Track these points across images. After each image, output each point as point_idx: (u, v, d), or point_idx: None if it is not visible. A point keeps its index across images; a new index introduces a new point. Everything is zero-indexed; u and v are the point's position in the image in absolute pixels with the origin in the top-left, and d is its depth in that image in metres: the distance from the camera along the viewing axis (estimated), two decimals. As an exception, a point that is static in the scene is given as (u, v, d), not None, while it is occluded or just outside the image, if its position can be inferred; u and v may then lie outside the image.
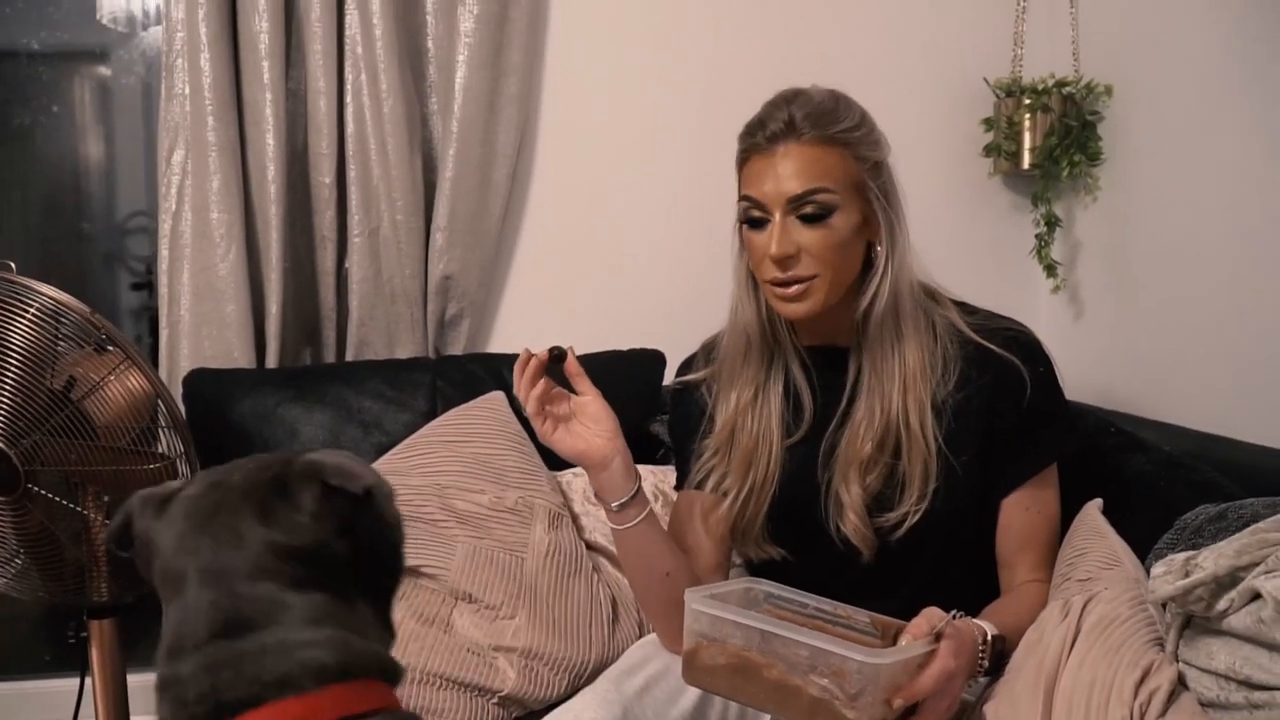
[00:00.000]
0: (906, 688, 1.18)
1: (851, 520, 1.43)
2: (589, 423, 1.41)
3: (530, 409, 1.39)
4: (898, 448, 1.43)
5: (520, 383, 1.39)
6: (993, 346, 1.43)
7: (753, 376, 1.51)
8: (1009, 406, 1.43)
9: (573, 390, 1.43)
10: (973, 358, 1.44)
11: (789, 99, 1.41)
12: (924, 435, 1.42)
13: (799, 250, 1.38)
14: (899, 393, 1.42)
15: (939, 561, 1.48)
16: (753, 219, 1.41)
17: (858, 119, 1.42)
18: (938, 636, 1.22)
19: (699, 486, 1.54)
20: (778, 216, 1.38)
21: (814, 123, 1.38)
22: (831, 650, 1.16)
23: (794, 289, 1.39)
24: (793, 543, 1.52)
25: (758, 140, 1.41)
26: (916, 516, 1.41)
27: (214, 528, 0.85)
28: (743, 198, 1.43)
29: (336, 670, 0.82)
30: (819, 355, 1.51)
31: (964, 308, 1.51)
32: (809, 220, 1.37)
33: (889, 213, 1.43)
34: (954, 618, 1.27)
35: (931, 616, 1.24)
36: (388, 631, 0.94)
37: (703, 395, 1.57)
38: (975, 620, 1.33)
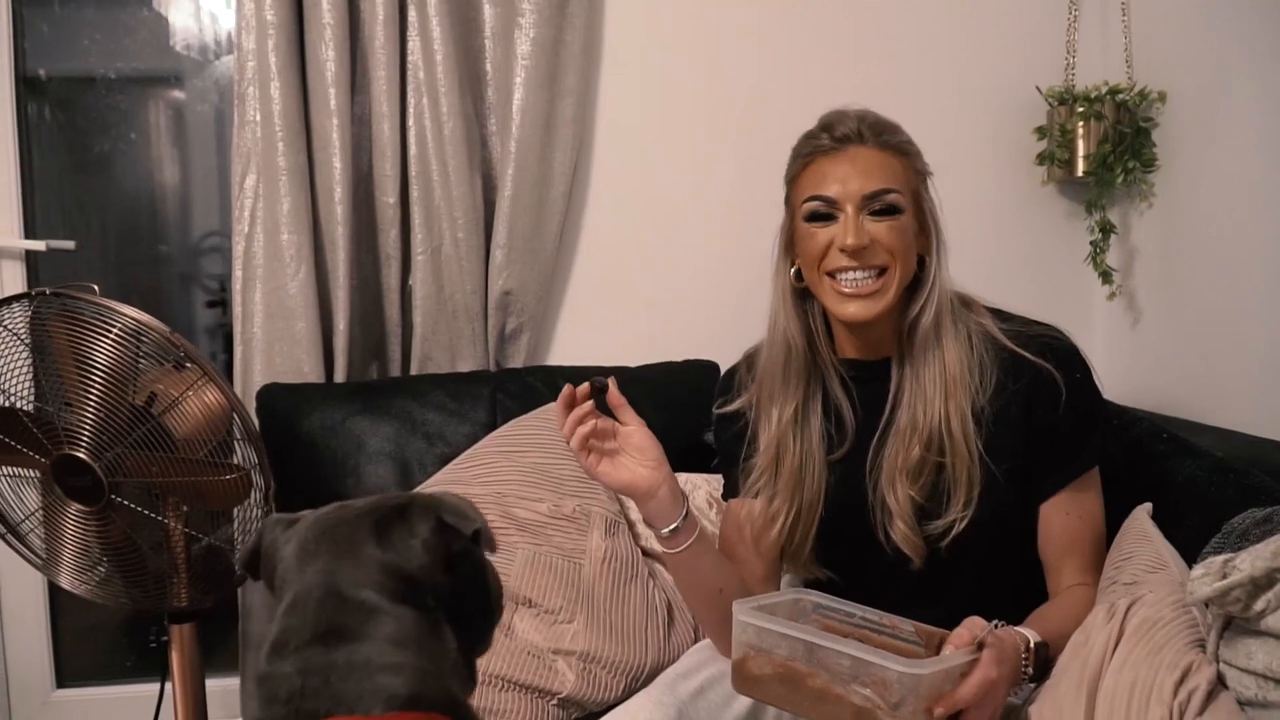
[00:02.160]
0: (947, 697, 1.19)
1: (900, 528, 1.45)
2: (634, 453, 1.41)
3: (574, 445, 1.38)
4: (942, 453, 1.44)
5: (564, 418, 1.39)
6: (1027, 354, 1.45)
7: (793, 394, 1.52)
8: (1045, 413, 1.45)
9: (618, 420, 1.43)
10: (1008, 365, 1.46)
11: (848, 112, 1.46)
12: (966, 442, 1.43)
13: (872, 241, 1.41)
14: (940, 399, 1.44)
15: (985, 568, 1.49)
16: (819, 214, 1.43)
17: (910, 137, 1.48)
18: (980, 646, 1.23)
19: (754, 497, 1.56)
20: (850, 210, 1.41)
21: (877, 131, 1.44)
22: (872, 660, 1.18)
23: (867, 284, 1.42)
24: (841, 560, 1.54)
25: (823, 143, 1.44)
26: (963, 524, 1.43)
27: (334, 539, 0.93)
28: (810, 198, 1.44)
29: (406, 699, 0.87)
30: (859, 369, 1.53)
31: (999, 315, 1.52)
32: (880, 214, 1.41)
33: (937, 225, 1.48)
34: (995, 627, 1.28)
35: (974, 626, 1.26)
36: (470, 676, 0.99)
37: (745, 417, 1.59)
38: (1018, 628, 1.33)
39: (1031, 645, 1.31)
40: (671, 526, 1.43)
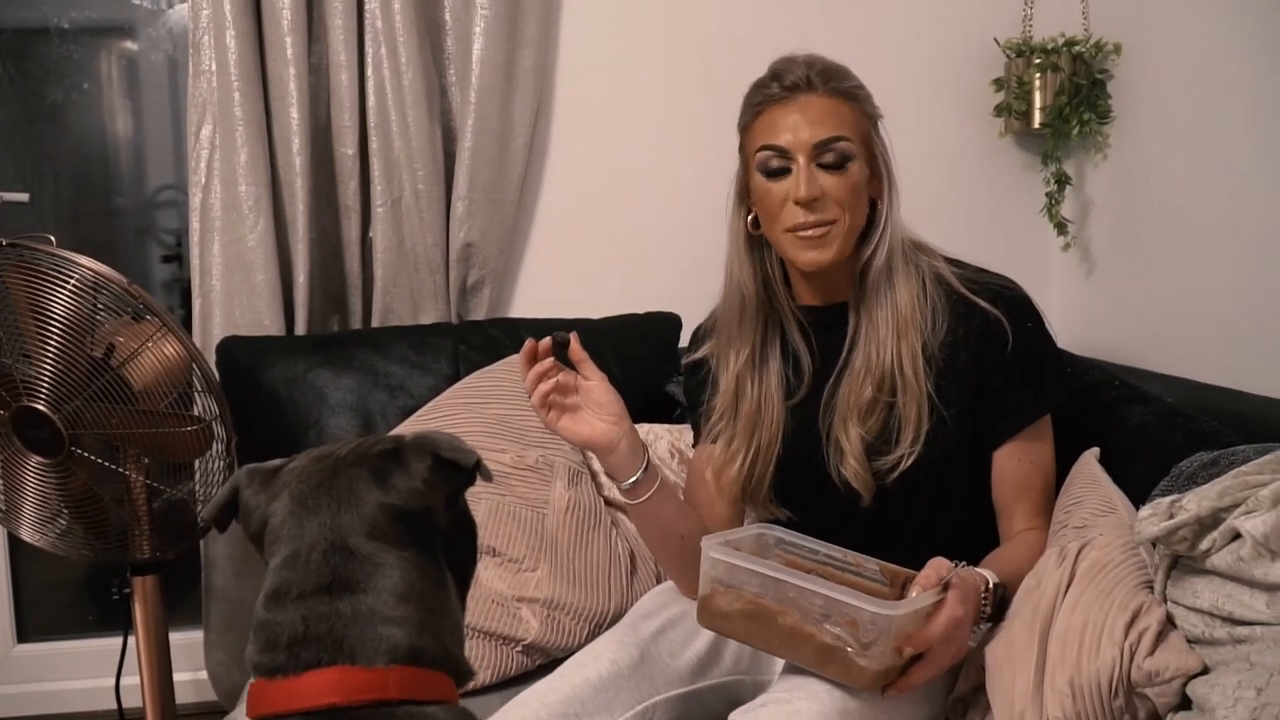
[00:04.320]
0: (916, 636, 1.22)
1: (851, 464, 1.47)
2: (594, 407, 1.42)
3: (535, 401, 1.40)
4: (893, 392, 1.47)
5: (527, 372, 1.39)
6: (979, 300, 1.47)
7: (748, 338, 1.55)
8: (993, 359, 1.47)
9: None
10: (960, 310, 1.48)
11: (798, 59, 1.47)
12: (916, 380, 1.46)
13: (823, 194, 1.42)
14: (892, 338, 1.46)
15: (935, 508, 1.52)
16: (773, 169, 1.44)
17: (859, 81, 1.49)
18: (945, 586, 1.25)
19: (713, 442, 1.58)
20: (802, 161, 1.42)
21: (827, 77, 1.44)
22: (846, 600, 1.20)
23: (819, 231, 1.43)
24: (798, 499, 1.57)
25: (773, 91, 1.45)
26: (911, 460, 1.45)
27: (333, 490, 0.92)
28: (762, 148, 1.45)
29: (408, 653, 0.87)
30: (816, 315, 1.55)
31: (954, 263, 1.54)
32: (830, 167, 1.42)
33: (889, 170, 1.49)
34: (958, 567, 1.31)
35: (939, 567, 1.28)
36: (460, 626, 0.98)
37: (708, 364, 1.62)
38: (977, 569, 1.37)
39: (990, 585, 1.35)
40: (632, 479, 1.44)
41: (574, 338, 1.41)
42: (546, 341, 1.39)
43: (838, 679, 1.24)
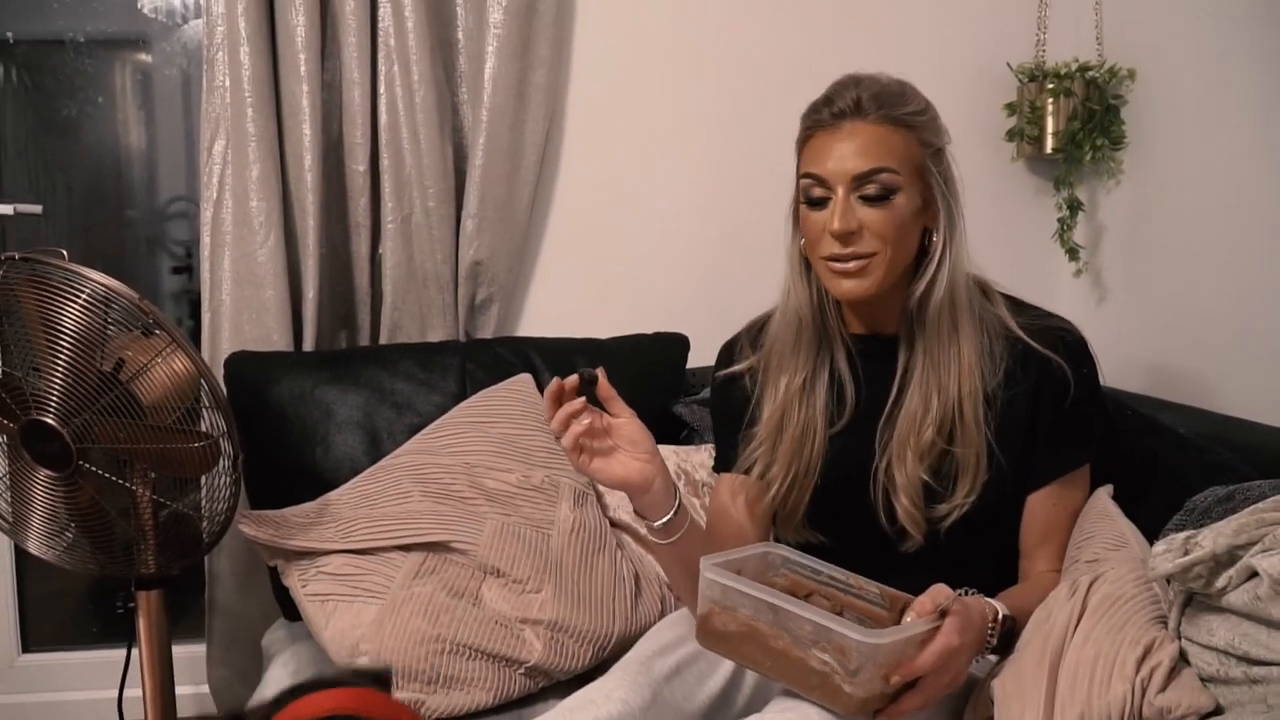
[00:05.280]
0: (905, 665, 1.20)
1: (903, 503, 1.45)
2: (627, 446, 1.36)
3: (566, 444, 1.32)
4: (952, 438, 1.45)
5: (553, 415, 1.32)
6: (1039, 347, 1.45)
7: (803, 364, 1.52)
8: (1052, 405, 1.45)
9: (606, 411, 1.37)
10: (1020, 357, 1.45)
11: (856, 80, 1.42)
12: (977, 428, 1.43)
13: (860, 227, 1.38)
14: (955, 384, 1.44)
15: (975, 552, 1.50)
16: (814, 198, 1.42)
17: (923, 105, 1.44)
18: (942, 614, 1.23)
19: (746, 472, 1.56)
20: (840, 193, 1.38)
21: (880, 103, 1.39)
22: (833, 628, 1.19)
23: (853, 264, 1.40)
24: (833, 528, 1.55)
25: (822, 117, 1.41)
26: (965, 510, 1.44)
27: None
28: (804, 175, 1.43)
29: None
30: (866, 344, 1.53)
31: (1013, 304, 1.51)
32: (871, 200, 1.38)
33: (948, 200, 1.44)
34: (964, 594, 1.29)
35: (937, 595, 1.26)
36: None
37: (747, 384, 1.58)
38: (988, 599, 1.35)
39: (999, 616, 1.33)
40: (665, 519, 1.39)
41: (601, 374, 1.35)
42: (573, 379, 1.33)
43: (826, 704, 1.23)
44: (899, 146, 1.39)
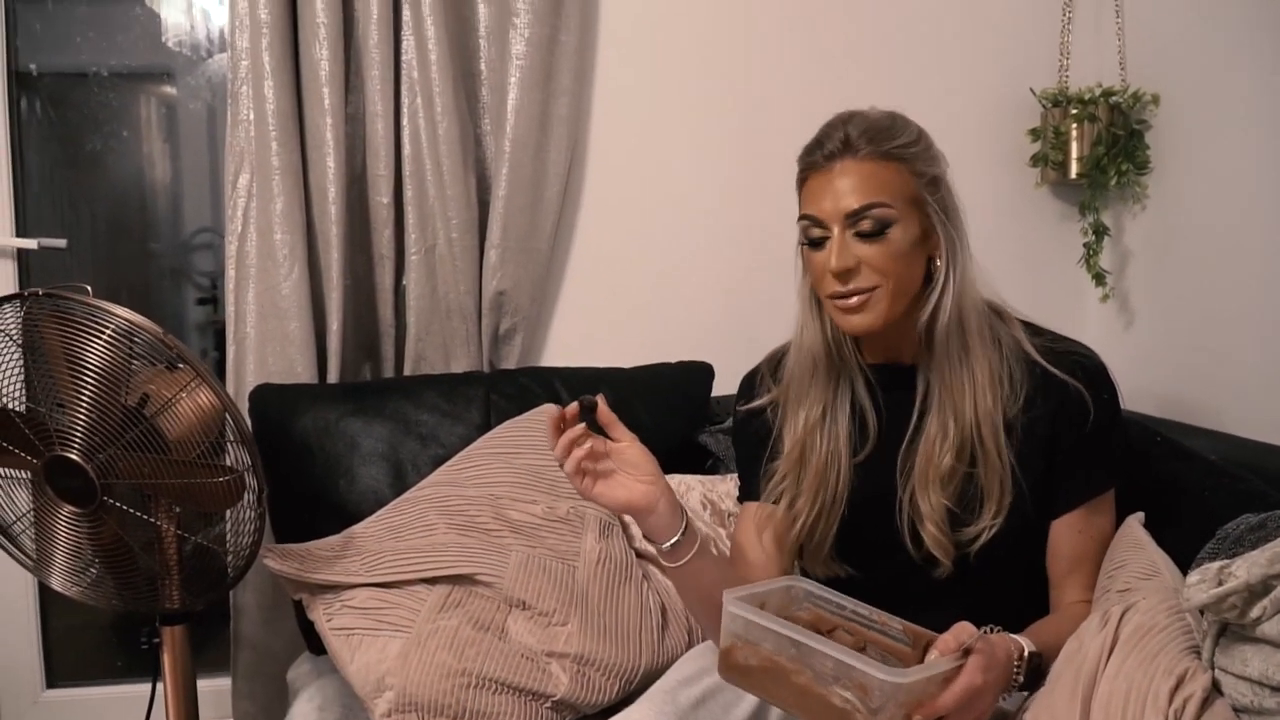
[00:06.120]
0: (928, 704, 1.19)
1: (930, 530, 1.45)
2: (629, 469, 1.39)
3: (568, 469, 1.36)
4: (973, 460, 1.44)
5: (556, 442, 1.36)
6: (1058, 372, 1.44)
7: (820, 396, 1.52)
8: (1072, 431, 1.44)
9: (608, 437, 1.39)
10: (1038, 381, 1.45)
11: (845, 119, 1.43)
12: (998, 451, 1.43)
13: (858, 263, 1.39)
14: (970, 407, 1.43)
15: (1004, 579, 1.49)
16: (813, 239, 1.42)
17: (914, 135, 1.43)
18: (966, 652, 1.22)
19: (774, 503, 1.55)
20: (836, 232, 1.39)
21: (869, 139, 1.39)
22: (855, 665, 1.17)
23: (855, 300, 1.40)
24: (860, 559, 1.54)
25: (815, 159, 1.42)
26: (993, 532, 1.43)
27: None
28: (802, 217, 1.44)
29: None
30: (884, 374, 1.53)
31: (1030, 328, 1.51)
32: (866, 236, 1.39)
33: (948, 227, 1.44)
34: (988, 632, 1.28)
35: (960, 633, 1.24)
36: None
37: (769, 416, 1.59)
38: (1014, 636, 1.33)
39: (1025, 654, 1.31)
40: (672, 541, 1.40)
41: (601, 400, 1.38)
42: (573, 407, 1.36)
43: None
44: (891, 180, 1.39)
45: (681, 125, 2.43)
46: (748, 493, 1.63)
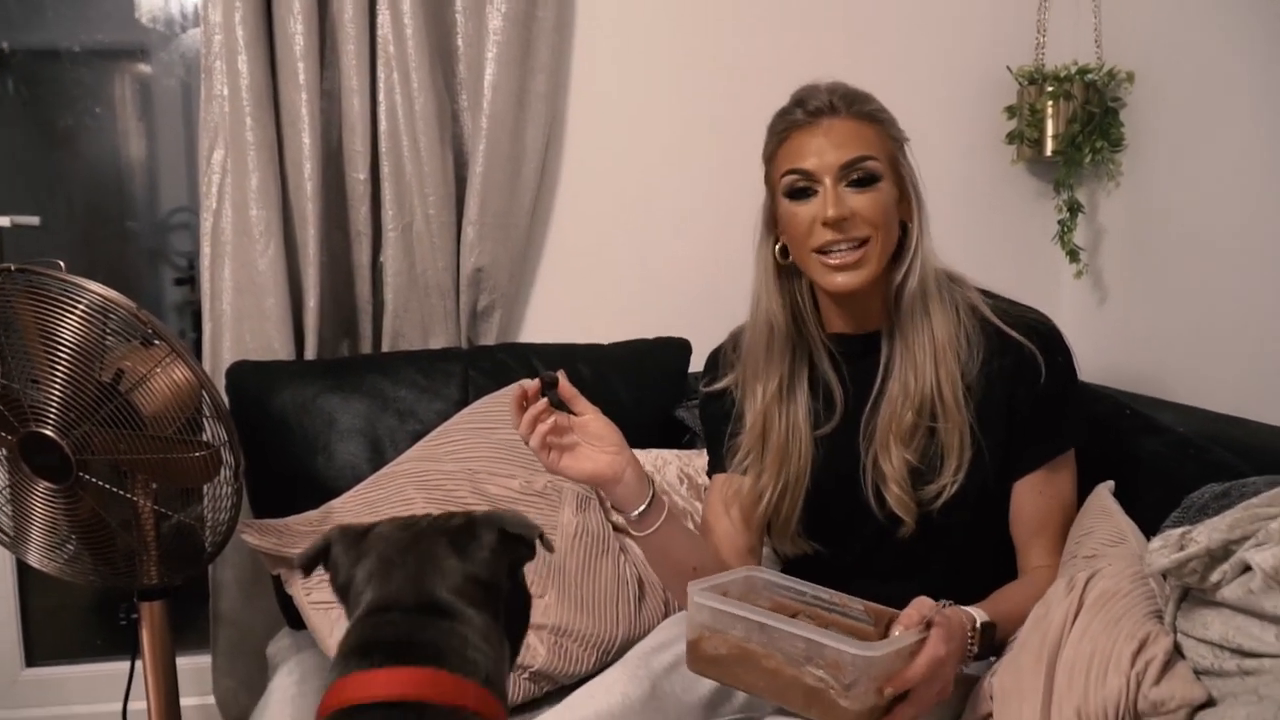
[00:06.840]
0: (898, 676, 1.22)
1: (894, 490, 1.47)
2: (594, 441, 1.43)
3: (533, 444, 1.40)
4: (934, 418, 1.46)
5: (520, 419, 1.40)
6: (1012, 332, 1.47)
7: (776, 369, 1.54)
8: (1026, 391, 1.47)
9: (571, 412, 1.44)
10: (994, 342, 1.48)
11: (819, 85, 1.47)
12: (958, 407, 1.45)
13: (852, 213, 1.41)
14: (930, 365, 1.46)
15: (968, 540, 1.51)
16: (799, 189, 1.44)
17: (882, 105, 1.49)
18: (928, 625, 1.25)
19: (742, 474, 1.57)
20: (828, 183, 1.42)
21: (850, 101, 1.45)
22: (826, 643, 1.20)
23: (851, 255, 1.42)
24: (828, 532, 1.56)
25: (798, 117, 1.45)
26: (955, 488, 1.45)
27: (418, 554, 1.01)
28: (787, 172, 1.45)
29: (485, 679, 0.95)
30: (846, 344, 1.54)
31: (986, 294, 1.54)
32: (859, 184, 1.42)
33: (918, 192, 1.49)
34: (943, 606, 1.31)
35: (922, 606, 1.28)
36: (507, 684, 1.05)
37: (731, 396, 1.61)
38: (966, 608, 1.36)
39: (978, 625, 1.34)
40: (639, 510, 1.44)
41: (562, 375, 1.42)
42: (535, 383, 1.40)
43: None
44: (874, 138, 1.45)
45: (659, 102, 2.43)
46: (715, 466, 1.65)
